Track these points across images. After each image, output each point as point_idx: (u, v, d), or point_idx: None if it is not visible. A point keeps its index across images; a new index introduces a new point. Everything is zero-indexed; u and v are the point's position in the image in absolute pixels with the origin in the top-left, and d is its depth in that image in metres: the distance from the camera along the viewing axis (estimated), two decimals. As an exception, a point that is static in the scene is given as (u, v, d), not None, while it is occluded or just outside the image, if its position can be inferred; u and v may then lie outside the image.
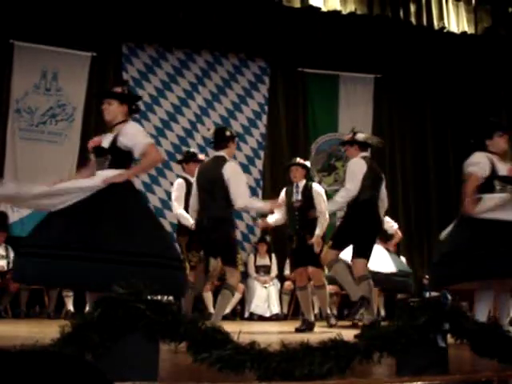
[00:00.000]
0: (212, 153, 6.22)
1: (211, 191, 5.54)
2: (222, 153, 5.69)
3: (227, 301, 5.71)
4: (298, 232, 6.71)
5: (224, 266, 5.65)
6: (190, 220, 6.10)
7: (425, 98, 11.77)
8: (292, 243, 6.79)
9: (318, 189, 6.88)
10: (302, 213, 6.72)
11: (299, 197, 6.80)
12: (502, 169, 4.86)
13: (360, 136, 6.05)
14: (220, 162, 5.59)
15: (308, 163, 7.18)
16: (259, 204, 6.22)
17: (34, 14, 9.30)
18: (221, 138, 5.75)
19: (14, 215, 9.33)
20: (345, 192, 5.90)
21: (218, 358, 2.49)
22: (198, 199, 5.70)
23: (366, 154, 6.07)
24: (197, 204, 5.73)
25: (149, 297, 2.52)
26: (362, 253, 5.87)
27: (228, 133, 5.83)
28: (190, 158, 6.79)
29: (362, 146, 6.05)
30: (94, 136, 10.38)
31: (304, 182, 6.91)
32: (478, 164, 4.86)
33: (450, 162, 11.66)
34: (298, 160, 7.09)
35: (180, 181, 6.59)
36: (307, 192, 6.79)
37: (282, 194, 7.03)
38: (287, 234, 6.98)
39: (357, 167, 5.86)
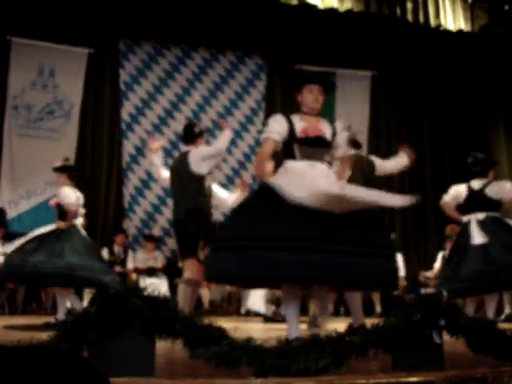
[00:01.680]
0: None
1: (182, 185, 5.62)
2: (189, 148, 5.78)
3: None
4: None
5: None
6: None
7: (421, 95, 11.77)
8: None
9: None
10: None
11: None
12: None
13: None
14: (186, 155, 5.70)
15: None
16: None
17: (31, 10, 9.29)
18: (189, 134, 5.86)
19: (12, 211, 9.34)
20: None
21: (214, 354, 2.49)
22: (173, 195, 5.85)
23: (353, 152, 5.90)
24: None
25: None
26: None
27: (197, 129, 5.91)
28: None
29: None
30: (92, 132, 10.47)
31: None
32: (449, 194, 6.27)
33: (446, 159, 11.68)
34: None
35: None
36: None
37: None
38: None
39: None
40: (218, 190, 6.22)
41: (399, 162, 5.92)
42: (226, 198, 6.22)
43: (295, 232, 3.44)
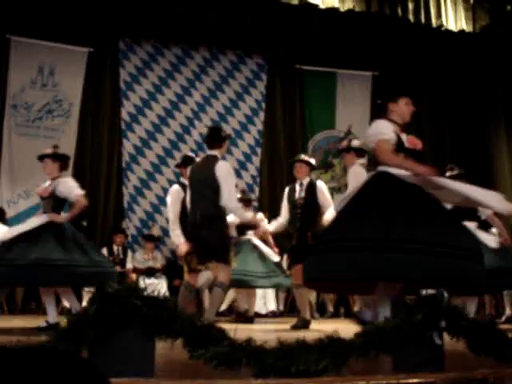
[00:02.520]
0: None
1: (203, 189, 5.54)
2: (214, 152, 5.69)
3: (219, 299, 5.67)
4: (299, 229, 6.61)
5: (216, 263, 5.61)
6: (180, 238, 5.96)
7: (422, 95, 11.76)
8: (291, 240, 6.71)
9: (321, 186, 6.79)
10: (305, 210, 6.63)
11: (303, 194, 6.73)
12: None
13: (355, 143, 5.95)
14: (213, 161, 5.60)
15: (313, 160, 7.09)
16: (246, 216, 6.14)
17: (31, 9, 9.29)
18: (215, 138, 5.75)
19: (11, 210, 9.32)
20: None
21: (214, 355, 2.48)
22: (190, 198, 5.69)
23: (364, 160, 5.88)
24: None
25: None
26: None
27: (223, 133, 5.84)
28: (187, 162, 6.54)
29: (359, 152, 5.92)
30: (91, 132, 10.46)
31: (308, 179, 6.82)
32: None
33: (446, 160, 11.66)
34: (303, 157, 7.03)
35: (176, 187, 6.38)
36: (311, 189, 6.72)
37: (286, 192, 6.94)
38: (287, 231, 6.90)
39: (359, 177, 5.48)
40: None
41: None
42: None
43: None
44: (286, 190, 7.00)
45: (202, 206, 5.49)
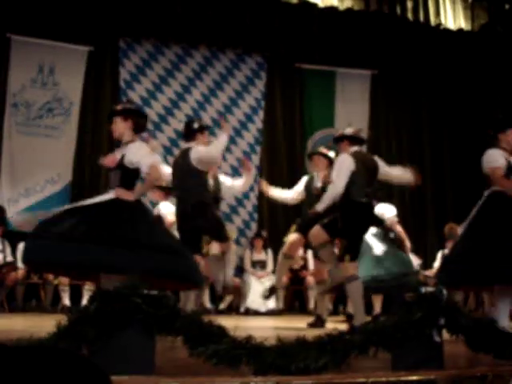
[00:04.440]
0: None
1: (185, 181, 5.66)
2: (189, 145, 5.83)
3: (233, 259, 6.05)
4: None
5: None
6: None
7: (421, 94, 11.77)
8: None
9: None
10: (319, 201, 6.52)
11: (319, 184, 6.65)
12: None
13: (348, 130, 5.90)
14: (187, 151, 5.74)
15: (332, 154, 6.86)
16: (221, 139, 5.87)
17: (31, 7, 9.28)
18: (188, 131, 5.90)
19: (11, 209, 9.32)
20: (331, 190, 5.74)
21: (214, 353, 2.50)
22: (174, 191, 5.97)
23: (357, 147, 5.79)
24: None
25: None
26: (354, 255, 5.55)
27: (196, 125, 5.93)
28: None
29: (352, 140, 5.86)
30: (91, 130, 10.45)
31: (325, 173, 6.72)
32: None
33: (445, 158, 11.68)
34: (321, 149, 6.99)
35: None
36: (327, 182, 6.64)
37: (304, 179, 6.87)
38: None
39: (343, 164, 5.54)
40: (224, 180, 6.39)
41: (405, 175, 5.91)
42: (232, 185, 6.37)
43: None
44: (306, 177, 6.92)
45: (190, 198, 5.61)
